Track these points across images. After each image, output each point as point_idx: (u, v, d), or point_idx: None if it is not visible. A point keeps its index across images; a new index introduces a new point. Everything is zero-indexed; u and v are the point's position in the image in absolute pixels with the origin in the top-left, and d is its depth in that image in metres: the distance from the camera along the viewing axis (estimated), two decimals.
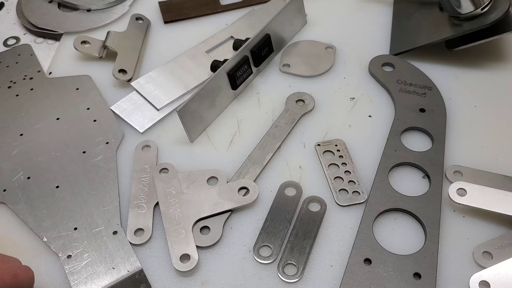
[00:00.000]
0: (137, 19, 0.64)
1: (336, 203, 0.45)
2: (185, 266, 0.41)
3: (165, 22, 0.65)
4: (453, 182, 0.44)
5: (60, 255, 0.43)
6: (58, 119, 0.54)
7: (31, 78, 0.58)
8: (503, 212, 0.42)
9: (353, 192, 0.46)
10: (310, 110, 0.53)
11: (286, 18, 0.59)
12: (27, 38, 0.65)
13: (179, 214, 0.44)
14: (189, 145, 0.51)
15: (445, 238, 0.43)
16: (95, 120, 0.53)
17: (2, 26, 0.67)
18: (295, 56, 0.59)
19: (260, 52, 0.55)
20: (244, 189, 0.46)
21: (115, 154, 0.50)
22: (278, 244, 0.43)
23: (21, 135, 0.52)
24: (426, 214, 0.43)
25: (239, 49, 0.53)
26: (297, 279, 0.41)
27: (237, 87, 0.54)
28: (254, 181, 0.47)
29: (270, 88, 0.56)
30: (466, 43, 0.54)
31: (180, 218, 0.44)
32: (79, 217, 0.45)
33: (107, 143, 0.51)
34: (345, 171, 0.47)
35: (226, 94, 0.54)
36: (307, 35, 0.62)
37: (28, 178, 0.48)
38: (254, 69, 0.56)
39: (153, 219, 0.45)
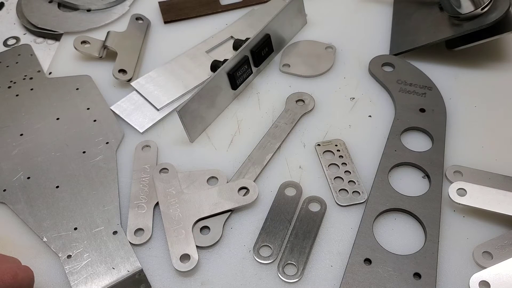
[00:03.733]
0: (137, 19, 0.64)
1: (336, 203, 0.45)
2: (185, 266, 0.41)
3: (165, 22, 0.65)
4: (453, 182, 0.44)
5: (60, 255, 0.43)
6: (58, 119, 0.54)
7: (31, 78, 0.58)
8: (503, 212, 0.42)
9: (353, 192, 0.46)
10: (310, 110, 0.53)
11: (286, 18, 0.59)
12: (27, 38, 0.65)
13: (179, 214, 0.44)
14: (189, 145, 0.51)
15: (445, 238, 0.43)
16: (95, 120, 0.53)
17: (2, 26, 0.67)
18: (295, 56, 0.59)
19: (260, 52, 0.55)
20: (244, 189, 0.46)
21: (115, 154, 0.50)
22: (278, 244, 0.43)
23: (21, 135, 0.52)
24: (426, 214, 0.43)
25: (239, 49, 0.53)
26: (297, 279, 0.41)
27: (237, 87, 0.54)
28: (254, 181, 0.47)
29: (270, 88, 0.56)
30: (466, 43, 0.54)
31: (180, 218, 0.44)
32: (79, 217, 0.45)
33: (107, 143, 0.51)
34: (345, 171, 0.47)
35: (226, 94, 0.54)
36: (307, 35, 0.62)
37: (28, 178, 0.48)
38: (254, 69, 0.56)
39: (153, 219, 0.45)
